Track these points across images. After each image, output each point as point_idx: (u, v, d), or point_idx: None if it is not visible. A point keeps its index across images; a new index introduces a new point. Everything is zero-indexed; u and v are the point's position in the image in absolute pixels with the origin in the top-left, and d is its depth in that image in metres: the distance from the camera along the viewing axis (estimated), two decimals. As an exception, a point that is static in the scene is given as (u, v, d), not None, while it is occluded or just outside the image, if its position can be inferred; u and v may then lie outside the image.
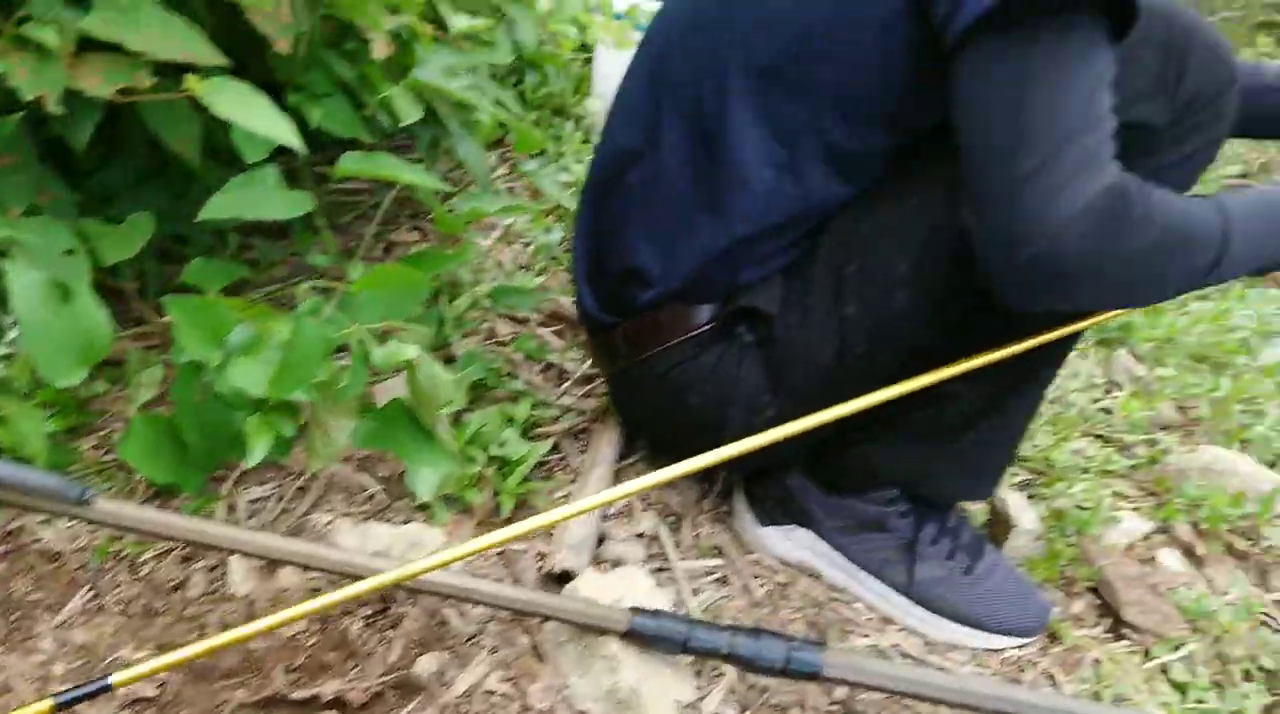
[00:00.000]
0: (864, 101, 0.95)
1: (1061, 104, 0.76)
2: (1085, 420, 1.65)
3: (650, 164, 1.04)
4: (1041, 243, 0.77)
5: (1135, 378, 1.80)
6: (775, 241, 1.02)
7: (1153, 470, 1.57)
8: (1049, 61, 0.77)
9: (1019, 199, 0.77)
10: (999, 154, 0.78)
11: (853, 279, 1.00)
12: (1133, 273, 0.82)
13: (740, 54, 0.96)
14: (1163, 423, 1.75)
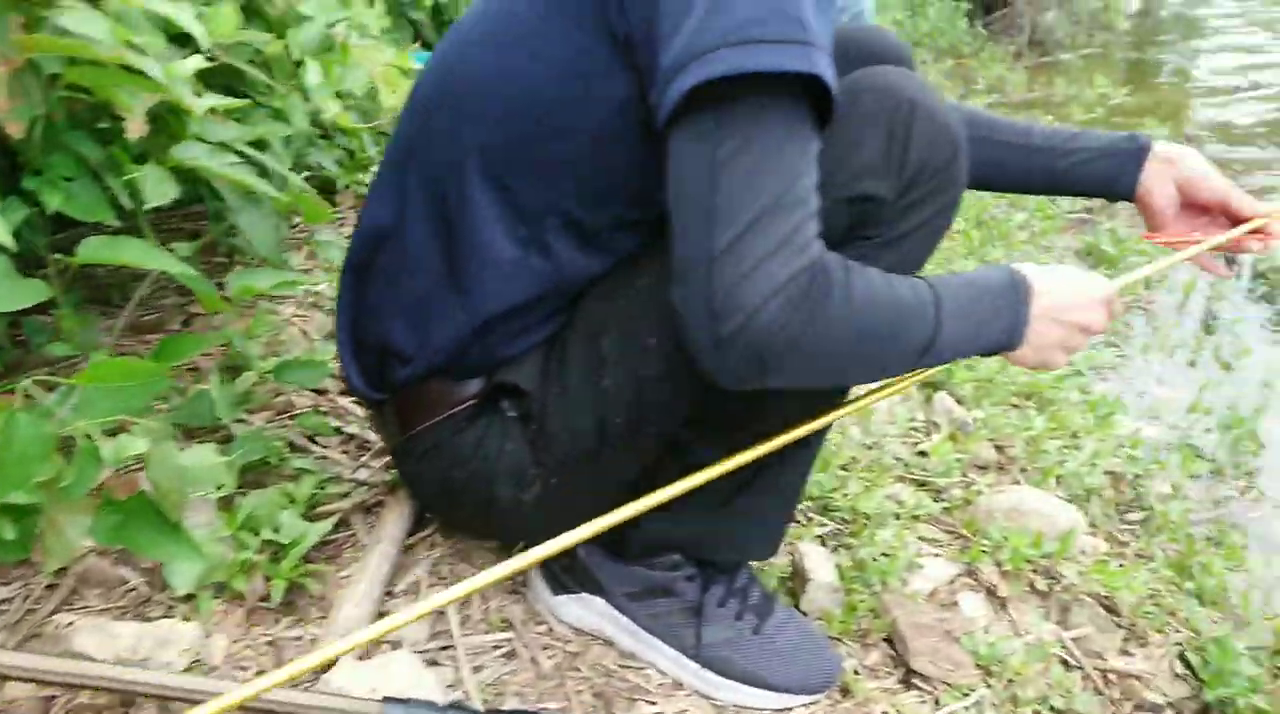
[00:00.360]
0: (604, 178, 0.96)
1: (755, 186, 0.77)
2: (901, 465, 1.69)
3: (400, 242, 1.03)
4: (735, 323, 0.77)
5: (954, 420, 1.85)
6: (531, 316, 1.02)
7: (964, 513, 1.61)
8: (744, 144, 0.78)
9: (713, 279, 0.77)
10: (695, 234, 0.79)
11: (608, 351, 1.00)
12: (836, 354, 0.83)
13: (479, 132, 0.96)
14: (980, 463, 1.80)
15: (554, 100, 0.92)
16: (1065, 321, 0.98)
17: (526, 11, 0.94)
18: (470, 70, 0.99)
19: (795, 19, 0.77)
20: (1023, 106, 6.00)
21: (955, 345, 0.90)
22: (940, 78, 6.62)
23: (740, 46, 0.76)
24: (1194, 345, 2.69)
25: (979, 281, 0.93)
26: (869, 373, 0.91)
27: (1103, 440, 1.94)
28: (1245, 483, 2.06)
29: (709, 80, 0.76)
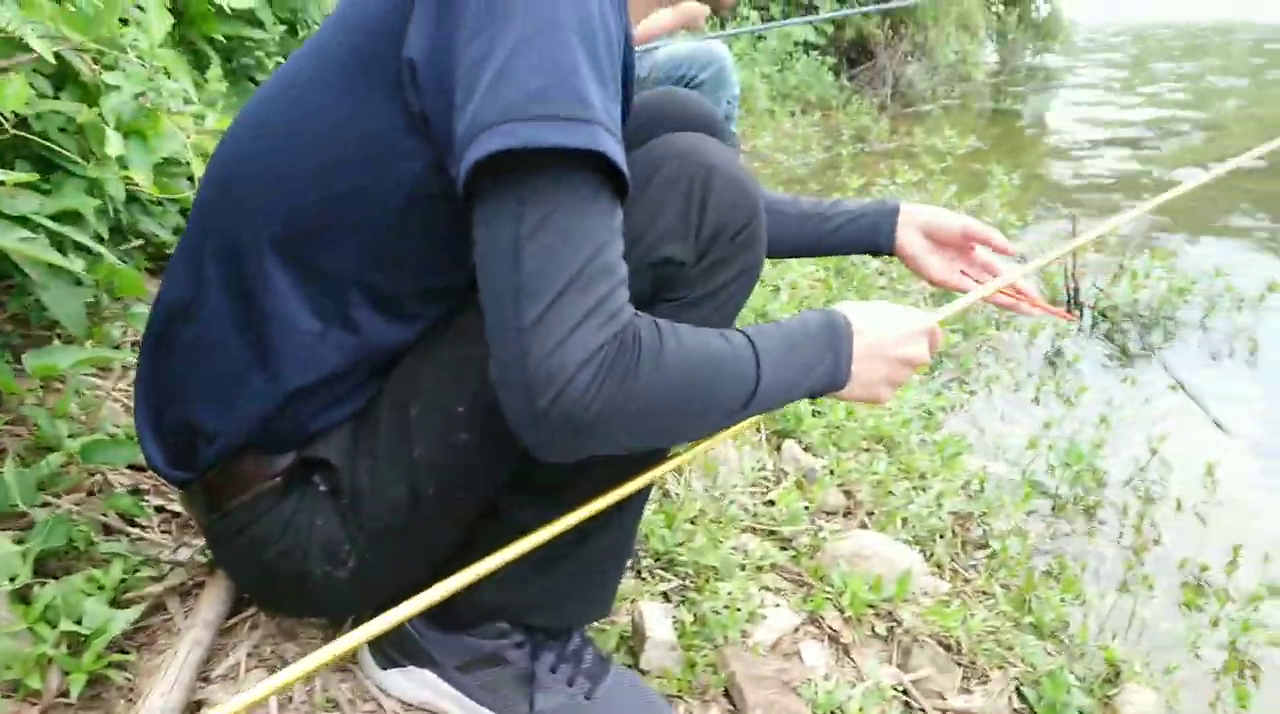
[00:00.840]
0: (406, 249, 0.95)
1: (559, 259, 0.78)
2: (748, 515, 1.71)
3: (198, 316, 1.00)
4: (548, 397, 0.77)
5: (801, 467, 1.88)
6: (338, 389, 1.00)
7: (811, 561, 1.64)
8: (544, 218, 0.78)
9: (524, 354, 0.77)
10: (505, 310, 0.79)
11: (418, 421, 0.99)
12: (654, 417, 0.84)
13: (277, 204, 0.95)
14: (828, 510, 1.84)
15: (354, 172, 0.92)
16: (888, 357, 1.01)
17: (327, 81, 0.93)
18: (269, 140, 0.98)
19: (578, 96, 0.78)
20: (885, 155, 6.23)
21: (778, 393, 0.92)
22: (809, 129, 6.84)
23: (525, 122, 0.77)
24: (1038, 383, 2.80)
25: (799, 327, 0.96)
26: (693, 431, 0.92)
27: (949, 480, 2.01)
28: (1084, 517, 2.15)
29: (499, 153, 0.76)
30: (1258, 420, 2.66)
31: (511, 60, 0.78)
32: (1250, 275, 3.68)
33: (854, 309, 1.02)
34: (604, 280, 0.79)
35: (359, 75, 0.90)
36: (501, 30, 0.79)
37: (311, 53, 0.97)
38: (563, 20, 0.79)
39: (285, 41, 2.37)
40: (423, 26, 0.85)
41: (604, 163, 0.80)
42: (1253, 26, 20.33)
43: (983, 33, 10.50)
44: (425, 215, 0.93)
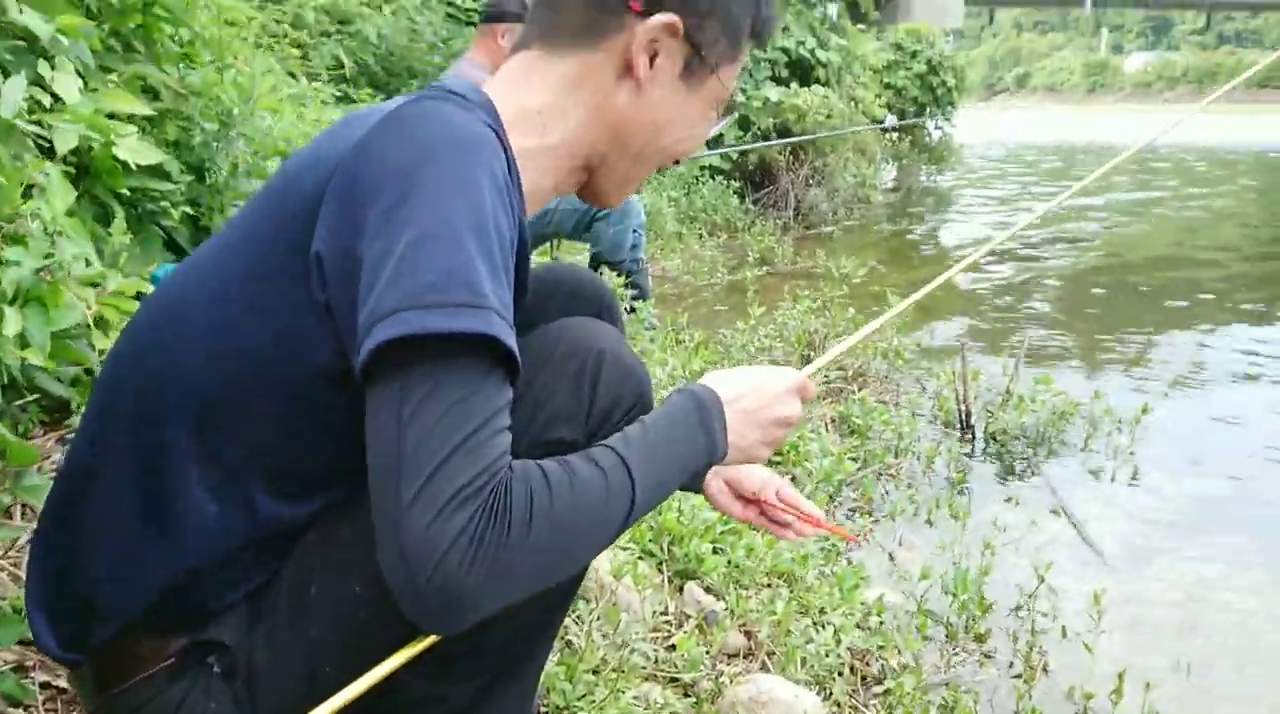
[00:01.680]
0: (309, 435, 0.98)
1: (437, 438, 0.81)
2: (651, 663, 1.73)
3: (98, 489, 1.01)
4: (425, 574, 0.79)
5: (703, 609, 1.92)
6: (236, 569, 1.02)
7: (713, 706, 1.66)
8: (426, 400, 0.82)
9: (401, 532, 0.80)
10: (385, 489, 0.82)
11: (315, 601, 1.01)
12: (534, 571, 0.86)
13: (185, 380, 0.97)
14: (730, 651, 1.87)
15: (263, 357, 0.95)
16: (761, 422, 1.06)
17: (247, 266, 0.97)
18: (183, 317, 1.01)
19: (469, 286, 0.84)
20: (789, 277, 6.47)
21: (658, 489, 0.96)
22: (716, 252, 7.06)
23: (417, 310, 0.82)
24: (932, 507, 2.91)
25: (665, 418, 1.00)
26: (578, 562, 0.94)
27: (848, 614, 2.06)
28: (976, 644, 2.22)
29: (393, 340, 0.81)
30: (1132, 543, 2.80)
31: (409, 257, 0.84)
32: (1127, 397, 3.90)
33: (719, 380, 1.06)
34: (481, 456, 0.82)
35: (270, 264, 0.95)
36: (401, 231, 0.85)
37: (229, 238, 1.01)
38: (457, 221, 0.86)
39: (193, 187, 2.40)
40: (328, 223, 0.90)
41: (494, 346, 0.84)
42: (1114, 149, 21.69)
43: (879, 157, 11.07)
44: (326, 401, 0.96)
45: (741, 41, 1.12)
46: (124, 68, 2.16)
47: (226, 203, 2.51)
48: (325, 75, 5.11)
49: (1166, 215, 11.01)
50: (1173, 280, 7.02)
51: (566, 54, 1.07)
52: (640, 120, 1.08)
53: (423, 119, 0.93)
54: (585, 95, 1.07)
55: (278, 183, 1.01)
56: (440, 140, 0.90)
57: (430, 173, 0.87)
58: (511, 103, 1.05)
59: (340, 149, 0.93)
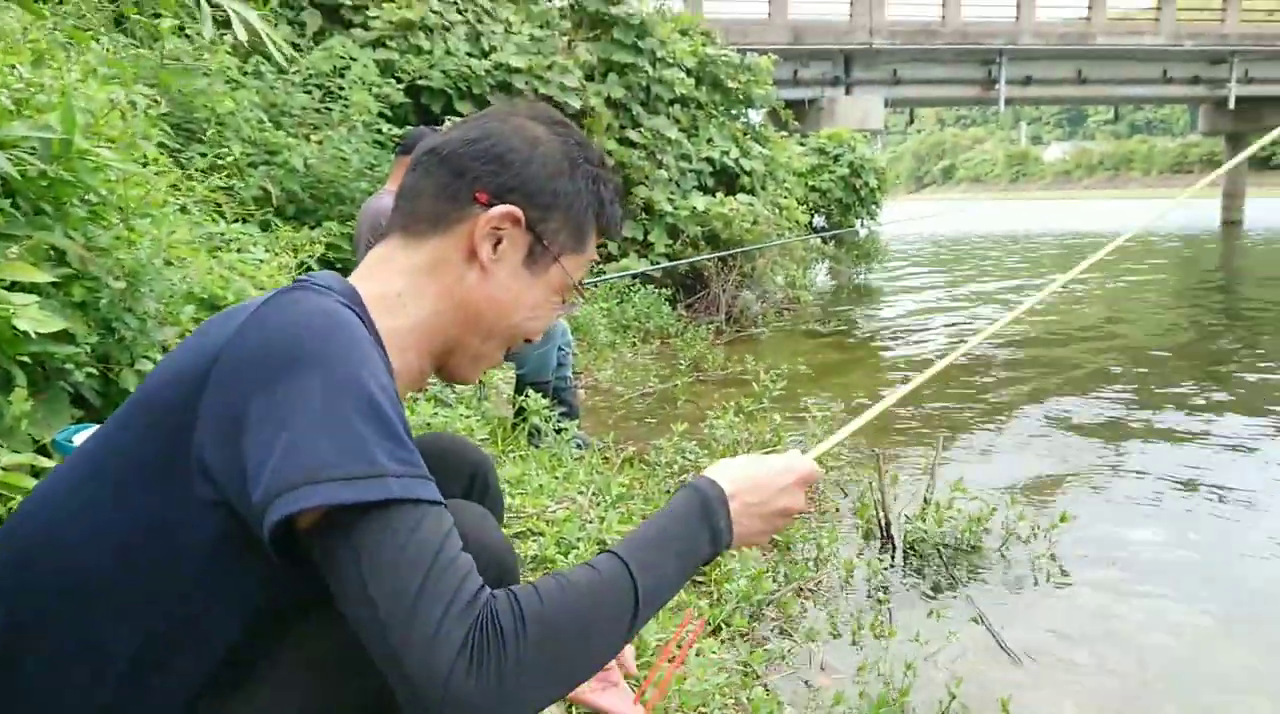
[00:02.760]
0: (187, 614, 1.01)
1: (401, 579, 0.86)
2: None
3: None
4: (437, 697, 0.84)
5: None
6: None
7: None
8: (374, 553, 0.87)
9: (404, 670, 0.85)
10: (376, 637, 0.87)
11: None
12: (545, 678, 0.91)
13: (54, 583, 0.99)
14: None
15: (136, 554, 0.98)
16: (765, 514, 1.12)
17: (113, 466, 1.01)
18: (49, 524, 1.03)
19: (363, 457, 0.89)
20: (720, 384, 6.57)
21: (664, 589, 1.02)
22: (648, 359, 7.16)
23: (321, 484, 0.87)
24: (854, 626, 2.94)
25: (668, 517, 1.06)
26: (591, 664, 0.96)
27: (762, 750, 2.07)
28: (895, 770, 2.24)
29: (318, 512, 0.87)
30: (1049, 650, 2.85)
31: (305, 434, 0.89)
32: (1044, 497, 4.01)
33: (724, 473, 1.12)
34: (448, 579, 0.88)
35: (139, 477, 0.98)
36: (289, 413, 0.90)
37: (108, 436, 1.05)
38: (340, 394, 0.91)
39: (103, 344, 2.42)
40: (209, 430, 0.94)
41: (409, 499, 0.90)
42: (1033, 236, 22.48)
43: (807, 259, 11.38)
44: (222, 576, 0.99)
45: (586, 235, 1.21)
46: (31, 233, 2.20)
47: (137, 355, 2.53)
48: (251, 205, 5.18)
49: (1095, 297, 11.41)
50: (1093, 368, 7.26)
51: (422, 242, 1.15)
52: (488, 300, 1.15)
53: (289, 307, 0.98)
54: (438, 278, 1.15)
55: (149, 384, 1.04)
56: (310, 326, 0.96)
57: (309, 356, 0.93)
58: (374, 288, 1.12)
59: (206, 352, 0.98)
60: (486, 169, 1.14)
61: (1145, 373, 7.15)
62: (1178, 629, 3.01)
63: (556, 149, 1.18)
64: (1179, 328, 9.69)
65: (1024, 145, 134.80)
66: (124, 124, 2.85)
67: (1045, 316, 10.07)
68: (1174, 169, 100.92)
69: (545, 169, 1.16)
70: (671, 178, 9.28)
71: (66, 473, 1.07)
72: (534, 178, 1.15)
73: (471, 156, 1.15)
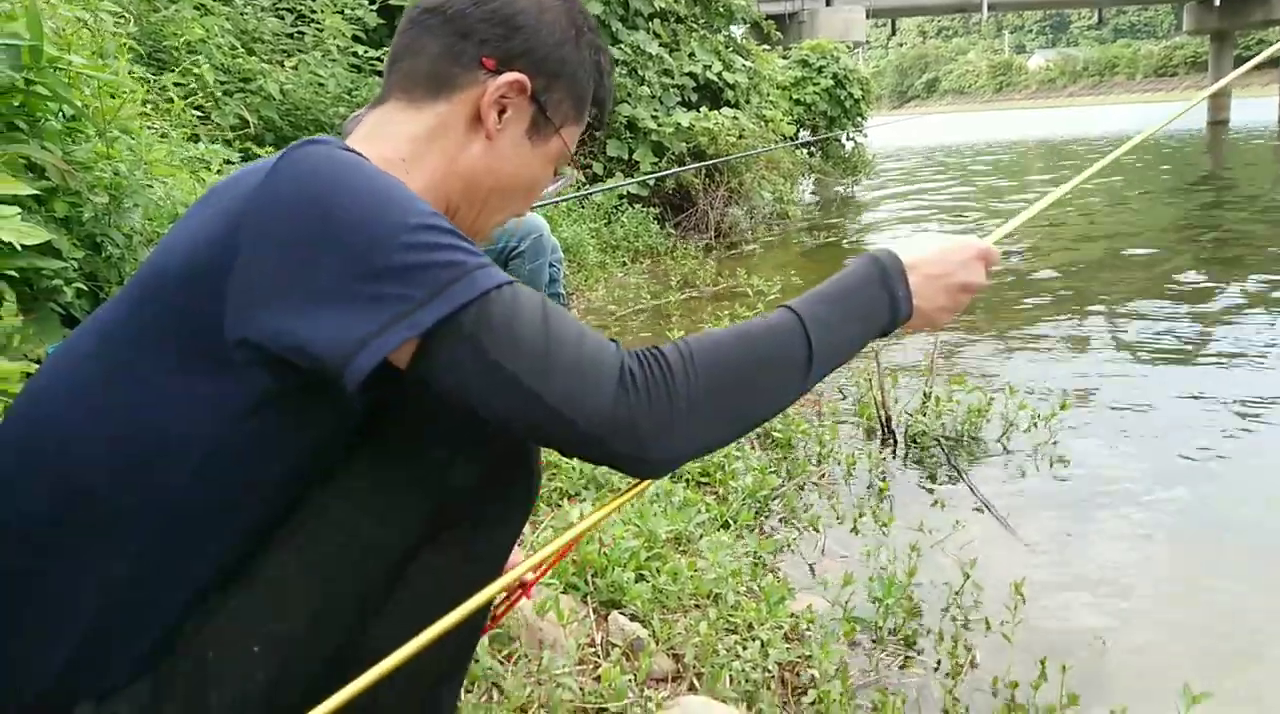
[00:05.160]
0: (194, 511, 0.99)
1: (534, 340, 0.88)
2: (579, 696, 1.75)
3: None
4: (625, 422, 0.87)
5: (628, 637, 1.94)
6: (133, 646, 1.02)
7: (641, 733, 1.68)
8: (492, 333, 0.87)
9: (585, 418, 0.87)
10: (527, 409, 0.88)
11: (214, 667, 1.01)
12: (719, 407, 0.93)
13: (65, 478, 0.97)
14: (658, 676, 1.89)
15: (151, 430, 0.95)
16: (947, 287, 1.11)
17: (117, 336, 0.98)
18: (50, 403, 1.01)
19: (444, 266, 0.88)
20: (712, 299, 6.54)
21: (842, 344, 1.02)
22: (639, 278, 7.12)
23: (410, 315, 0.86)
24: (857, 514, 2.96)
25: (841, 280, 1.06)
26: (762, 407, 0.98)
27: (775, 628, 2.09)
28: (904, 646, 2.27)
29: (428, 329, 0.86)
30: (1055, 534, 2.88)
31: (370, 270, 0.87)
32: (1050, 388, 4.03)
33: (903, 244, 1.11)
34: (574, 339, 0.90)
35: (165, 355, 0.95)
36: (345, 254, 0.87)
37: (107, 319, 1.01)
38: (394, 220, 0.89)
39: (89, 262, 2.39)
40: (250, 296, 0.90)
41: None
42: (1022, 142, 22.35)
43: (794, 173, 11.28)
44: (231, 460, 0.97)
45: (585, 108, 1.18)
46: (5, 148, 2.14)
47: (125, 274, 2.49)
48: (229, 134, 5.08)
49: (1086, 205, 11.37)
50: (1086, 268, 7.25)
51: (423, 106, 1.10)
52: (488, 170, 1.12)
53: (312, 157, 0.93)
54: (440, 145, 1.11)
55: (156, 261, 1.00)
56: (339, 166, 0.92)
57: (347, 193, 0.90)
58: (377, 151, 1.07)
59: (225, 218, 0.93)
60: (495, 33, 1.09)
61: (1151, 271, 7.15)
62: (1187, 509, 3.04)
63: (562, 15, 1.13)
64: (1184, 227, 9.67)
65: (1007, 55, 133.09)
66: (93, 39, 2.77)
67: (1052, 219, 10.01)
68: (1159, 72, 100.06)
69: (553, 36, 1.11)
70: (654, 94, 9.13)
71: (65, 353, 1.04)
72: (542, 44, 1.11)
73: (479, 18, 1.09)
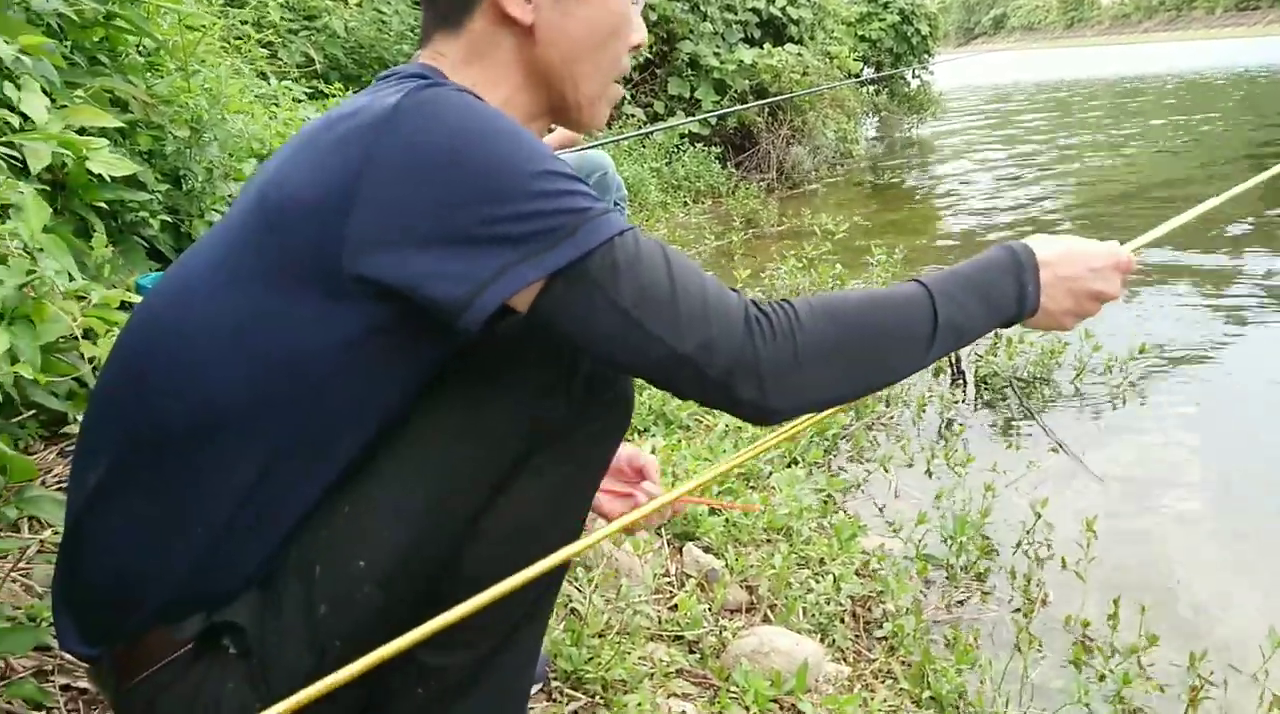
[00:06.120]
0: (323, 425, 1.01)
1: (659, 295, 0.90)
2: (654, 623, 1.77)
3: (110, 506, 1.04)
4: (754, 366, 0.89)
5: (703, 568, 1.96)
6: (249, 551, 1.05)
7: (717, 661, 1.70)
8: (628, 281, 0.89)
9: (715, 360, 0.89)
10: (664, 364, 0.90)
11: (320, 579, 1.04)
12: (840, 364, 0.94)
13: (188, 395, 1.00)
14: (732, 607, 1.91)
15: (275, 351, 0.98)
16: (1076, 291, 1.09)
17: (238, 261, 0.99)
18: (180, 322, 1.03)
19: (571, 208, 0.89)
20: (775, 238, 6.48)
21: (967, 323, 1.01)
22: (701, 218, 7.07)
23: (553, 250, 0.88)
24: (928, 456, 2.94)
25: (978, 263, 1.06)
26: (882, 371, 0.99)
27: (846, 564, 2.10)
28: (977, 583, 2.26)
29: (553, 274, 0.88)
30: (1131, 475, 2.83)
31: (501, 213, 0.88)
32: (1121, 332, 3.94)
33: (1041, 242, 1.10)
34: (697, 283, 0.91)
35: (286, 280, 0.96)
36: (478, 199, 0.88)
37: (227, 242, 1.01)
38: (519, 167, 0.90)
39: (170, 195, 2.43)
40: (375, 237, 0.91)
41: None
42: (1091, 82, 21.63)
43: (858, 112, 11.04)
44: (354, 378, 0.99)
45: None
46: (90, 82, 2.17)
47: (205, 208, 2.53)
48: (295, 73, 5.10)
49: (1148, 147, 10.99)
50: (1160, 208, 7.04)
51: (459, 30, 1.08)
52: (553, 49, 1.09)
53: (435, 102, 0.93)
54: (494, 57, 1.08)
55: (270, 193, 1.01)
56: (461, 111, 0.93)
57: (473, 136, 0.91)
58: None
59: (347, 159, 0.94)
60: None
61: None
62: (1265, 447, 2.97)
63: None
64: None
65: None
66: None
67: (1119, 167, 9.73)
68: (1240, 6, 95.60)
69: None
70: (716, 30, 8.96)
71: (184, 276, 1.05)
72: None
73: None
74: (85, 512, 1.08)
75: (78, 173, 1.95)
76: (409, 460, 1.06)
